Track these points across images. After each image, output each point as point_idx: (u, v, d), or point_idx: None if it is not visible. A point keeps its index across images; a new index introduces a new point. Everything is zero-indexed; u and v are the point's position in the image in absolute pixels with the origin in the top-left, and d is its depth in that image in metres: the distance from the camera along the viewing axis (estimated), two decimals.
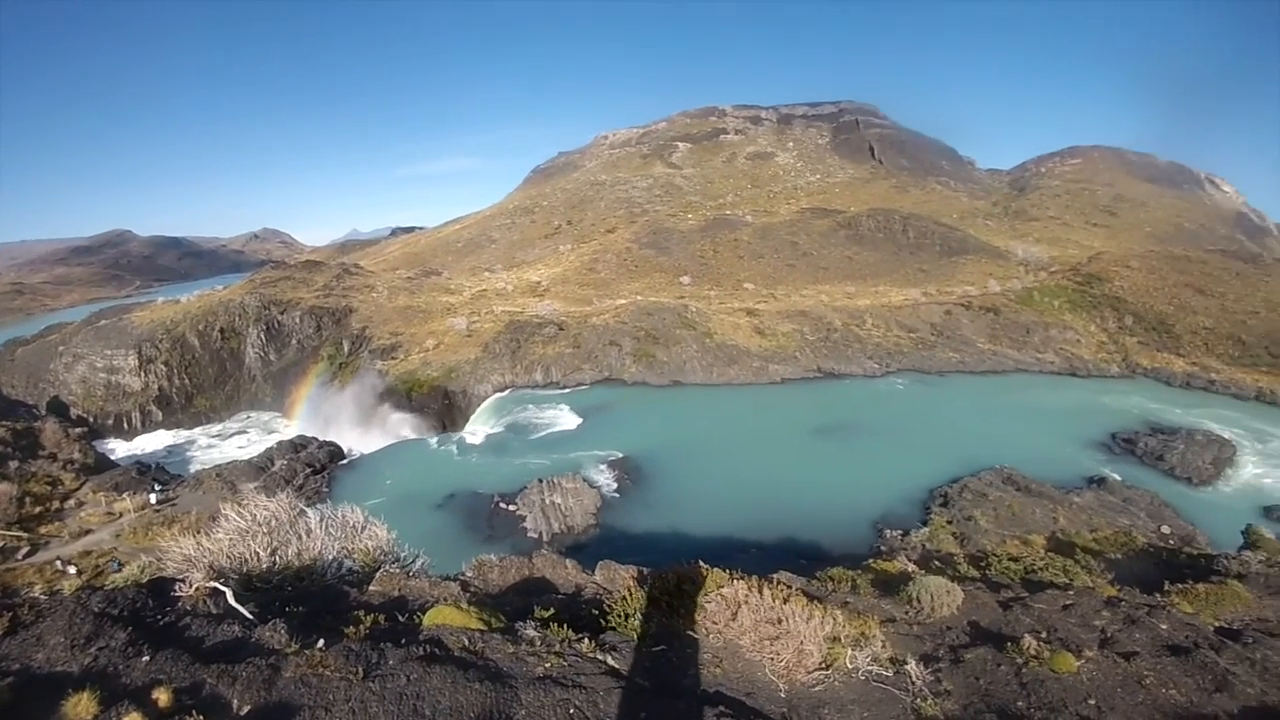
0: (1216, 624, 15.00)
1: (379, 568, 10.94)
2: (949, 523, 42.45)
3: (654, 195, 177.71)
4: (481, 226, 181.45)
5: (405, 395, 76.88)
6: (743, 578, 9.38)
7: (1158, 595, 18.38)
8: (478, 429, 70.74)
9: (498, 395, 77.47)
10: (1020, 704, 8.63)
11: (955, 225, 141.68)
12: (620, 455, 58.05)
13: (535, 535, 46.25)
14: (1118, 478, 54.50)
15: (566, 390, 77.79)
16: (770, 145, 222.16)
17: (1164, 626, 12.82)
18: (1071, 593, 15.19)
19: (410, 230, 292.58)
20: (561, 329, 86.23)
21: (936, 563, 24.75)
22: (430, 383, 77.99)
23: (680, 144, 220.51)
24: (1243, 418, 72.62)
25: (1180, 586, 19.49)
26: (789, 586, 10.39)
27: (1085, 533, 36.43)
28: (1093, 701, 8.96)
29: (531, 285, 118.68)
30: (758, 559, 36.60)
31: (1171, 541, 38.34)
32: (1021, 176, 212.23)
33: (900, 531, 42.18)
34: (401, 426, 73.58)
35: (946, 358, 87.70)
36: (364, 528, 12.09)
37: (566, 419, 69.23)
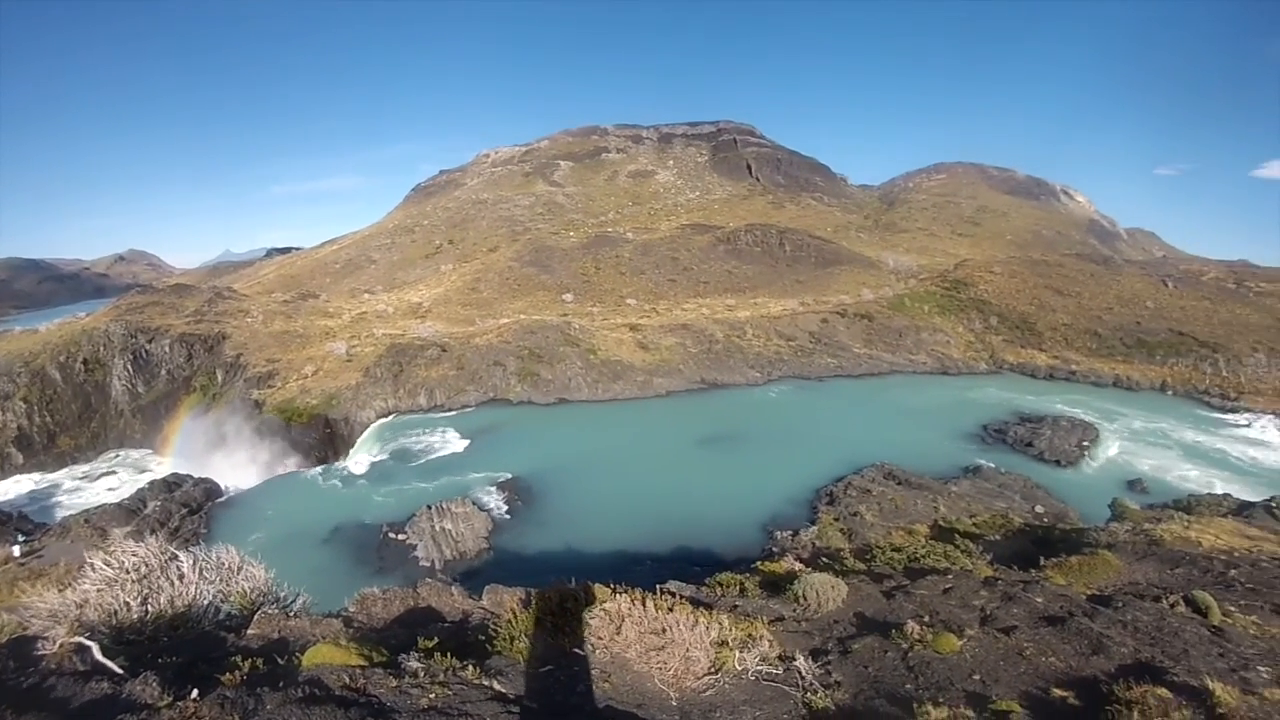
0: (1089, 592, 15.52)
1: (257, 610, 10.24)
2: (836, 519, 43.34)
3: (536, 213, 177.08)
4: (361, 247, 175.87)
5: (284, 425, 72.89)
6: (626, 591, 9.30)
7: (1033, 571, 18.97)
8: (362, 457, 67.95)
9: (381, 421, 74.65)
10: (909, 686, 8.74)
11: (830, 238, 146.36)
12: (509, 476, 56.83)
13: (427, 564, 44.58)
14: (992, 465, 57.54)
15: (452, 413, 75.77)
16: (651, 164, 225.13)
17: (1039, 600, 13.22)
18: (951, 576, 15.57)
19: (286, 251, 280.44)
20: (445, 350, 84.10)
21: (825, 559, 24.95)
22: (310, 411, 74.30)
23: (562, 162, 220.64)
24: (1102, 403, 78.91)
25: (1054, 561, 20.25)
26: (674, 596, 10.34)
27: (965, 519, 37.78)
28: (977, 677, 9.17)
29: (413, 306, 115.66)
30: (651, 570, 36.44)
31: (1045, 520, 40.49)
32: (891, 191, 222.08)
33: (790, 532, 42.64)
34: (281, 458, 69.82)
35: (825, 363, 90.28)
36: (241, 569, 11.17)
37: (453, 442, 67.38)
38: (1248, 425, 74.53)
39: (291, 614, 10.36)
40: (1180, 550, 22.64)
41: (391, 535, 48.20)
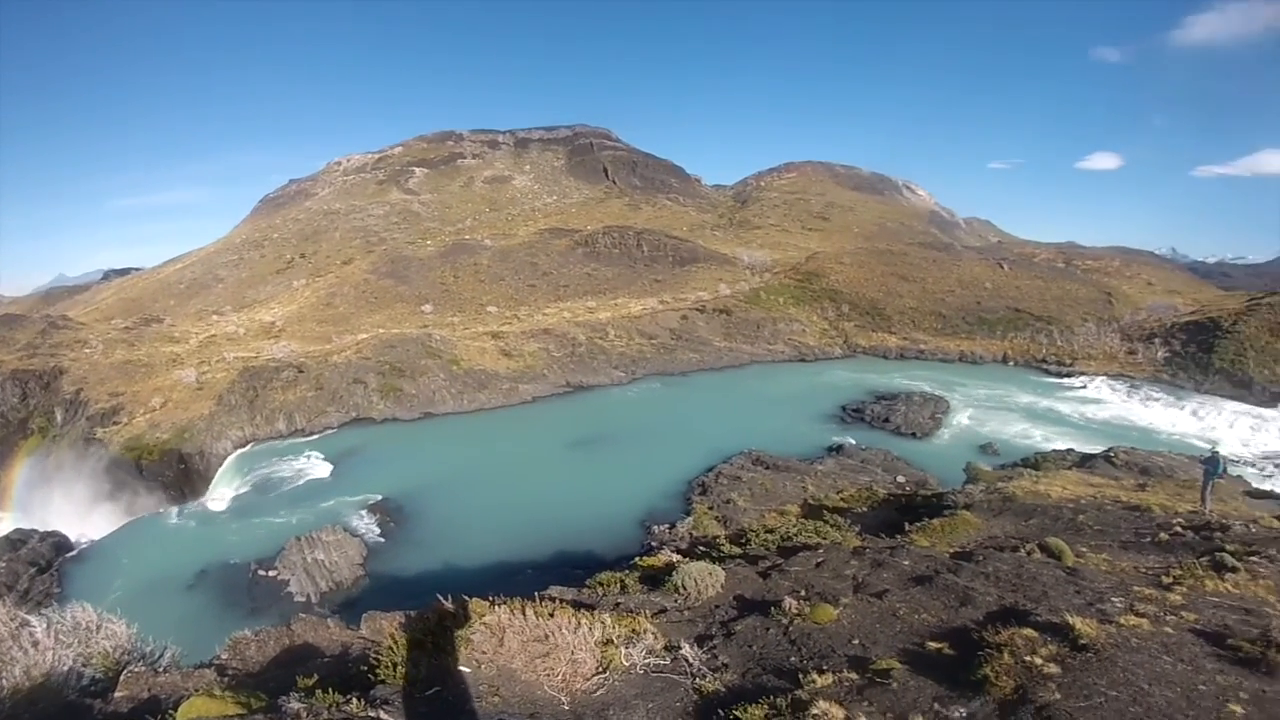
0: (952, 550, 16.11)
1: (123, 670, 9.38)
2: (710, 508, 43.78)
3: (391, 223, 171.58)
4: (206, 264, 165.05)
5: (135, 465, 66.91)
6: (505, 602, 9.09)
7: (899, 537, 19.59)
8: (221, 492, 63.34)
9: (239, 451, 69.56)
10: (793, 659, 8.94)
11: (686, 237, 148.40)
12: (380, 498, 54.38)
13: (302, 599, 41.96)
14: (854, 443, 59.76)
15: (314, 436, 71.79)
16: (508, 169, 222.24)
17: (907, 562, 13.63)
18: (822, 550, 15.92)
19: (126, 272, 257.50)
20: (301, 371, 79.82)
21: (702, 548, 25.09)
22: (161, 447, 68.44)
23: (417, 169, 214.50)
24: (951, 377, 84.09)
25: (918, 525, 21.04)
26: (555, 601, 10.40)
27: (833, 495, 38.89)
28: (856, 641, 9.47)
29: (265, 326, 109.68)
30: (533, 578, 35.60)
31: (907, 489, 42.21)
32: (744, 190, 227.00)
33: (667, 525, 42.79)
34: (135, 501, 63.97)
35: (688, 358, 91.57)
36: (100, 627, 10.21)
37: (318, 467, 63.89)
38: (1083, 387, 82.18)
39: (161, 670, 9.62)
40: (1032, 503, 24.01)
41: (261, 573, 45.10)
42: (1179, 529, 19.34)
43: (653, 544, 37.85)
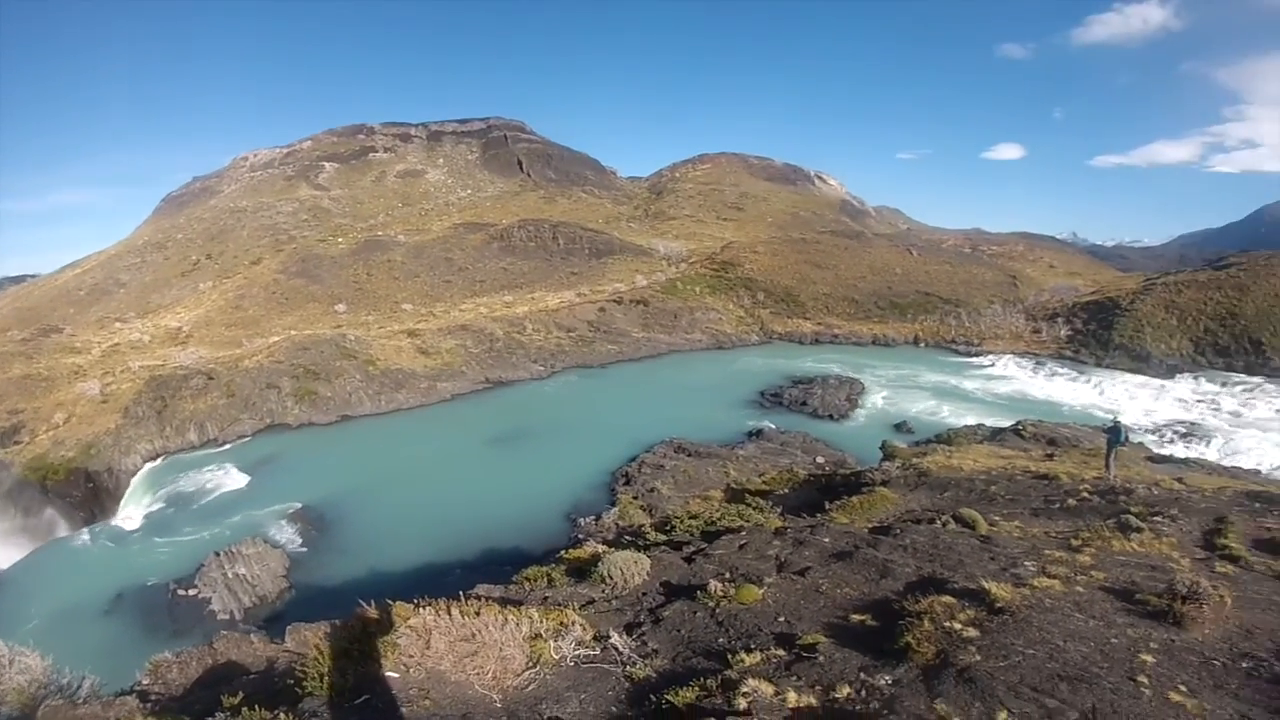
0: (871, 525, 16.42)
1: (40, 705, 9.13)
2: (635, 498, 43.98)
3: (301, 220, 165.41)
4: (107, 269, 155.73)
5: (40, 486, 62.98)
6: (430, 604, 8.93)
7: (819, 515, 19.88)
8: (133, 510, 60.13)
9: (150, 466, 66.14)
10: (721, 640, 8.98)
11: (602, 229, 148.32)
12: (300, 506, 52.63)
13: (225, 616, 40.25)
14: (773, 427, 61.11)
15: (227, 446, 68.91)
16: (421, 162, 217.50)
17: (827, 540, 13.85)
18: (745, 533, 16.08)
19: (21, 280, 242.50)
20: (211, 378, 76.56)
21: (628, 537, 25.16)
22: (67, 466, 64.35)
23: (327, 164, 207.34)
24: (865, 360, 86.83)
25: (838, 503, 21.39)
26: (481, 599, 10.15)
27: (754, 479, 39.55)
28: (782, 619, 9.57)
29: (172, 332, 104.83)
30: (461, 578, 35.08)
31: (827, 469, 43.15)
32: (659, 182, 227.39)
33: (593, 517, 42.75)
34: (42, 525, 60.21)
35: (606, 350, 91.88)
36: (12, 662, 9.74)
37: (233, 478, 61.29)
38: (991, 365, 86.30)
39: (80, 701, 9.37)
40: (946, 477, 24.71)
41: (181, 592, 43.01)
42: (1086, 494, 20.21)
43: (579, 536, 37.79)
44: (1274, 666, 7.37)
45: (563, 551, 22.45)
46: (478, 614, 8.59)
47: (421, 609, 8.81)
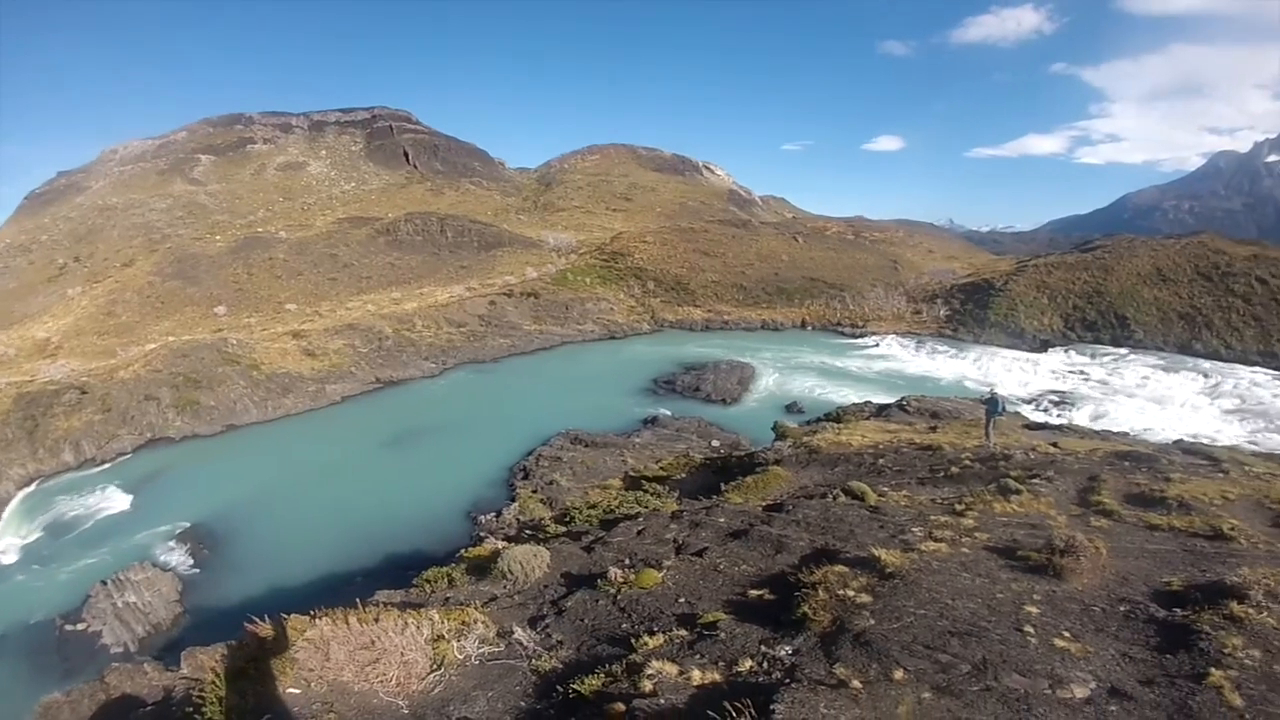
0: (765, 504, 16.76)
1: None
2: (535, 491, 43.79)
3: (176, 217, 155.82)
4: None
5: None
6: (326, 614, 8.85)
7: (715, 497, 20.20)
8: (9, 541, 55.29)
9: (24, 492, 60.75)
10: (625, 626, 9.14)
11: (491, 222, 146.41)
12: (189, 525, 49.69)
13: (120, 649, 37.59)
14: (668, 413, 62.06)
15: (107, 465, 63.94)
16: (302, 154, 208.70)
17: (723, 520, 14.10)
18: (642, 519, 16.28)
19: None
20: (85, 392, 71.23)
21: (529, 531, 25.15)
22: None
23: (203, 156, 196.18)
24: (755, 344, 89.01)
25: (733, 484, 21.80)
26: (381, 605, 10.60)
27: (652, 465, 39.93)
28: (683, 600, 9.77)
29: (39, 344, 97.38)
30: (363, 586, 34.15)
31: (721, 451, 44.19)
32: (548, 173, 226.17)
33: (493, 514, 42.32)
34: None
35: (498, 344, 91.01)
36: None
37: (116, 500, 57.09)
38: (875, 345, 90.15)
39: None
40: (836, 453, 25.49)
41: (69, 627, 39.92)
42: (968, 462, 21.27)
43: (480, 534, 37.35)
44: (1149, 609, 7.91)
45: (463, 551, 22.25)
46: (376, 620, 8.59)
47: (318, 620, 8.74)
